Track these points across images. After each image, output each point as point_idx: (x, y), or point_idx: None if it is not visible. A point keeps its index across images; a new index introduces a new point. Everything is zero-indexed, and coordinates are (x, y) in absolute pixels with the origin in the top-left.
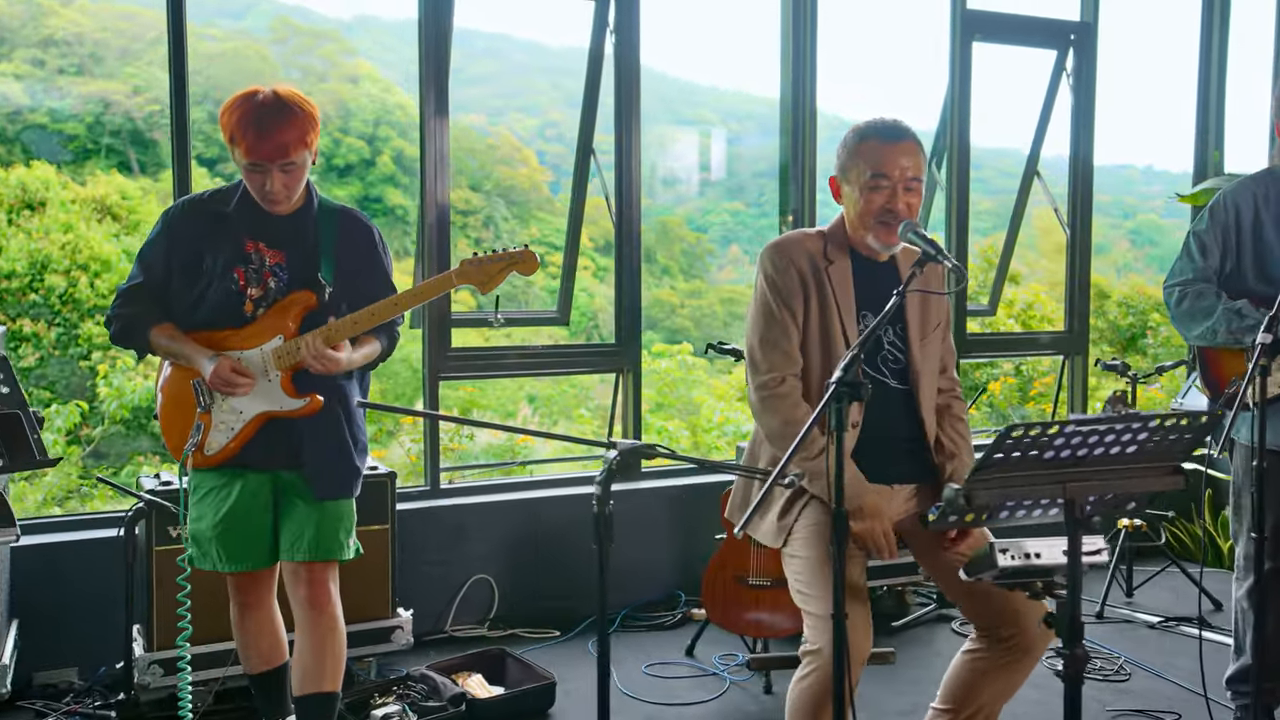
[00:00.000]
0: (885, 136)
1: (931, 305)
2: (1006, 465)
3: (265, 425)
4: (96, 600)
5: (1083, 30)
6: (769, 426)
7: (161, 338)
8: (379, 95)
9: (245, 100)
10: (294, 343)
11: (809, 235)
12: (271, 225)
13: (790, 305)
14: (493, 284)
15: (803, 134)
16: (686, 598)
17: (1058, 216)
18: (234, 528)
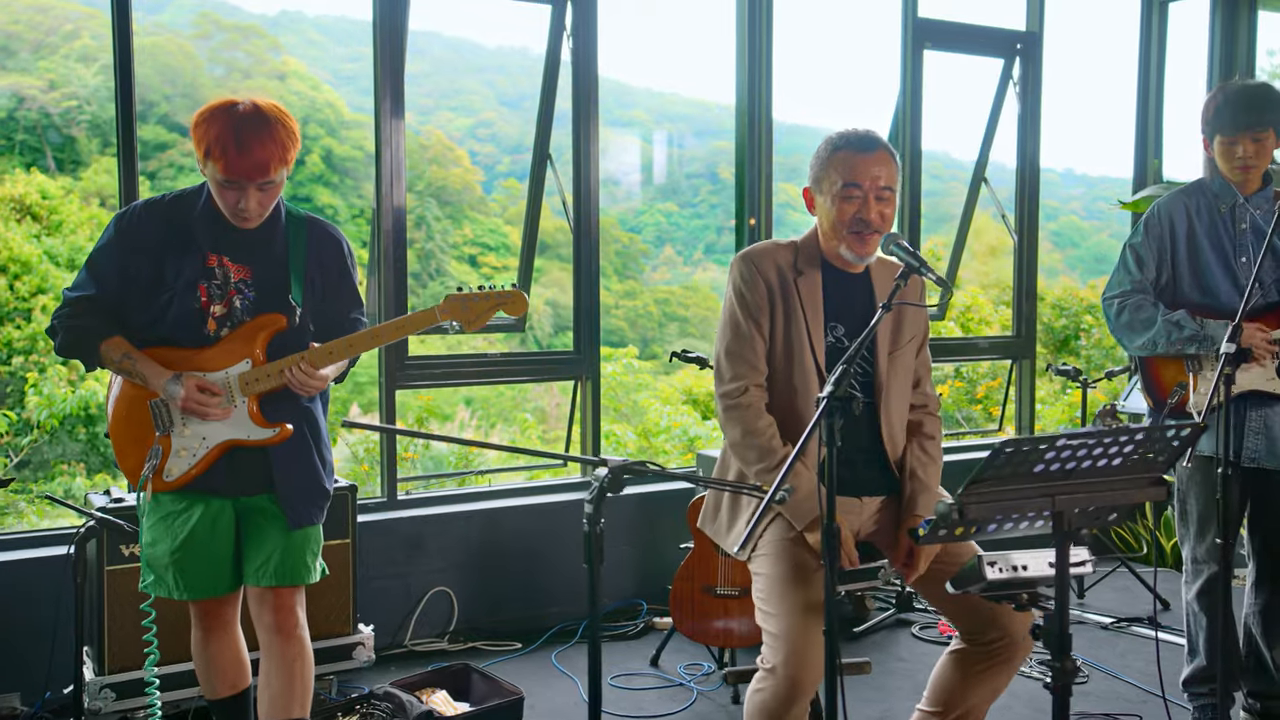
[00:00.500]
0: (857, 147)
1: (906, 318)
2: (998, 479)
3: (230, 451)
4: (40, 622)
5: (1029, 40)
6: (731, 435)
7: (114, 353)
8: (307, 93)
9: (224, 113)
10: (264, 369)
11: (780, 246)
12: (236, 238)
13: (756, 317)
14: (478, 322)
15: (759, 140)
16: (649, 606)
17: (1005, 223)
18: (192, 555)
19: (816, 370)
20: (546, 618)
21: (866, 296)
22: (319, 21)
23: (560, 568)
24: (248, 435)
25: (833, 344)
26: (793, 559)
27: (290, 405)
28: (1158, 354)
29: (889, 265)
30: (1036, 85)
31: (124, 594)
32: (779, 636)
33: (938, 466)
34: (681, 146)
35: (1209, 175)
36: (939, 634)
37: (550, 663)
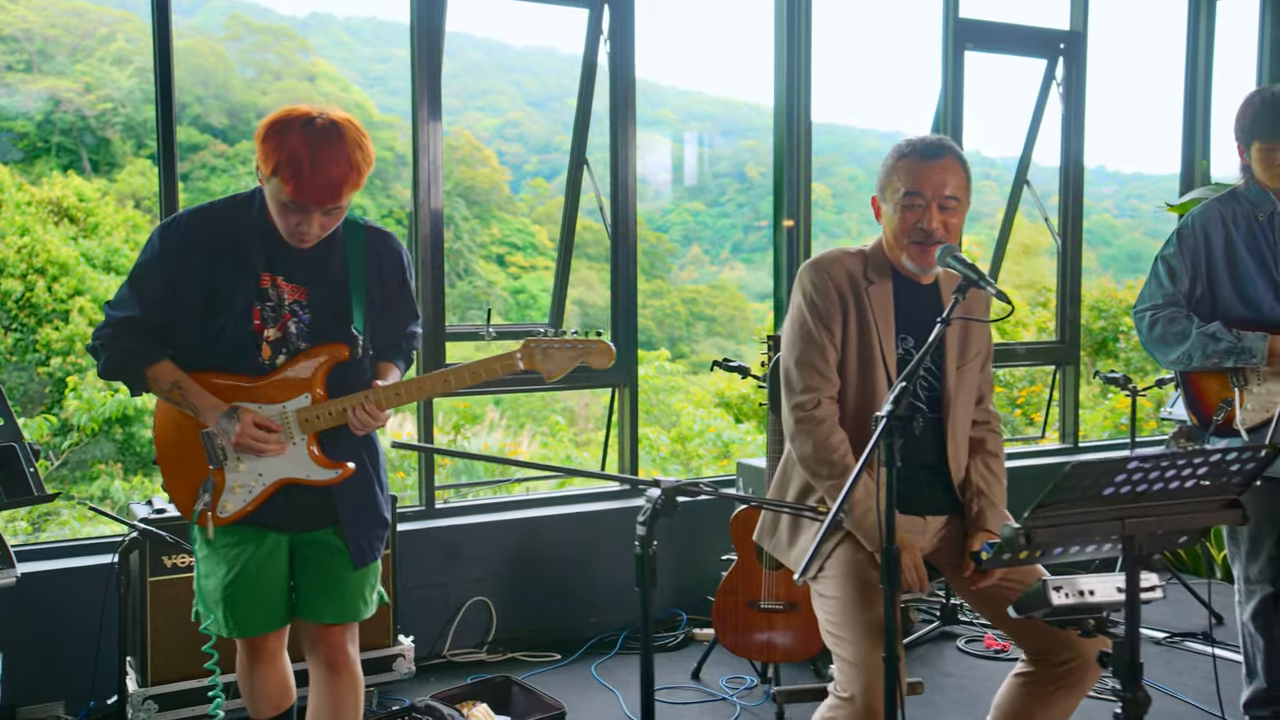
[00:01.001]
0: (922, 154)
1: (972, 333)
2: (1066, 502)
3: (288, 486)
4: (83, 631)
5: (1073, 39)
6: (801, 450)
7: (162, 381)
8: (336, 94)
9: (299, 128)
10: (325, 407)
11: (848, 254)
12: (291, 255)
13: (829, 325)
14: (558, 373)
15: (797, 141)
16: (688, 617)
17: (1048, 226)
18: (244, 592)
19: (888, 382)
20: (585, 627)
21: (935, 308)
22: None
23: (599, 577)
24: (307, 475)
25: (903, 355)
26: (862, 580)
27: (352, 439)
28: (1193, 368)
29: (956, 277)
30: (1081, 85)
31: (166, 605)
32: (855, 664)
33: (1003, 485)
34: (709, 145)
35: (1244, 182)
36: (985, 647)
37: (590, 675)
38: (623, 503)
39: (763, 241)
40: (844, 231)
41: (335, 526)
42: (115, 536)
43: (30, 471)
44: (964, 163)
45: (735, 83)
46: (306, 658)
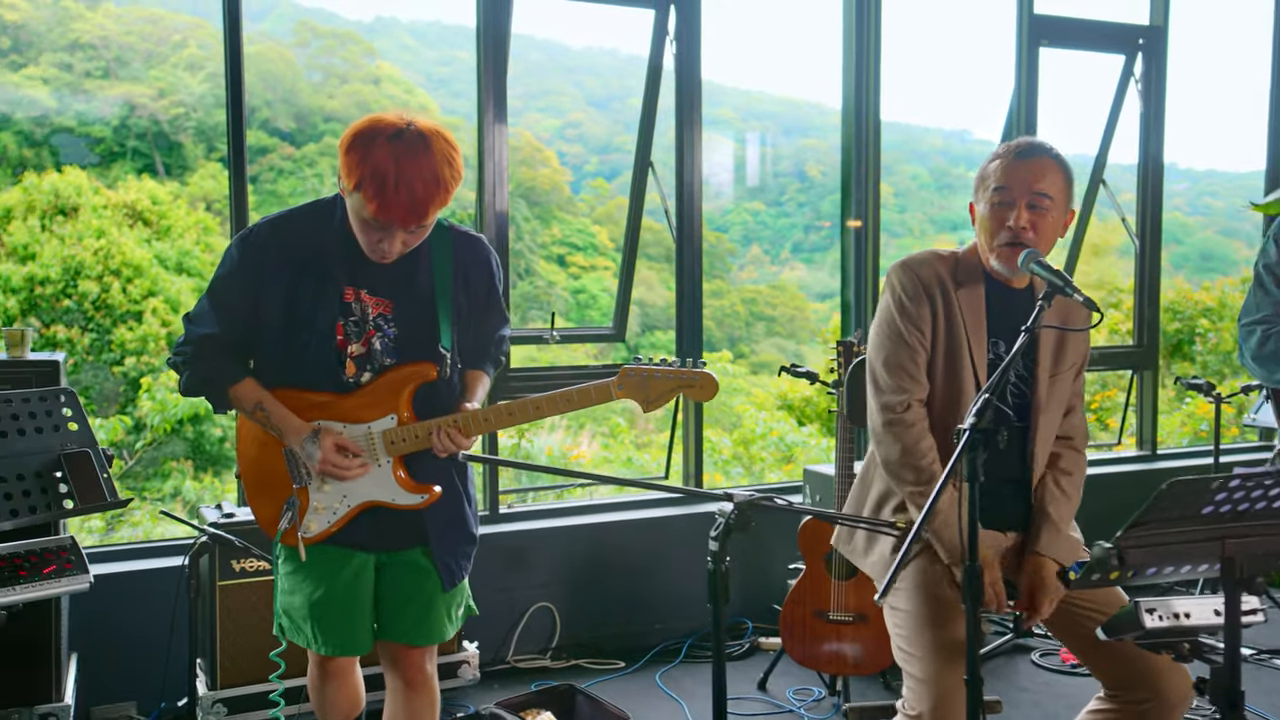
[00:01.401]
0: (1018, 153)
1: (1069, 342)
2: (1163, 521)
3: (373, 508)
4: (154, 633)
5: (1152, 34)
6: (888, 453)
7: (245, 401)
8: (400, 96)
9: (387, 143)
10: (411, 430)
11: (940, 256)
12: (375, 268)
13: (918, 326)
14: (658, 403)
15: (866, 141)
16: (754, 626)
17: (1125, 227)
18: (332, 612)
19: (977, 387)
20: (650, 634)
21: (1029, 314)
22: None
23: (663, 583)
24: (392, 499)
25: (994, 360)
26: (936, 595)
27: (438, 462)
28: None
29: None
30: (1161, 82)
31: (236, 609)
32: (924, 681)
33: (1072, 506)
34: (769, 145)
35: None
36: (1061, 662)
37: (655, 683)
38: (688, 509)
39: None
40: (906, 231)
41: (423, 546)
42: (186, 539)
43: (104, 477)
44: (1063, 165)
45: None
46: (384, 670)
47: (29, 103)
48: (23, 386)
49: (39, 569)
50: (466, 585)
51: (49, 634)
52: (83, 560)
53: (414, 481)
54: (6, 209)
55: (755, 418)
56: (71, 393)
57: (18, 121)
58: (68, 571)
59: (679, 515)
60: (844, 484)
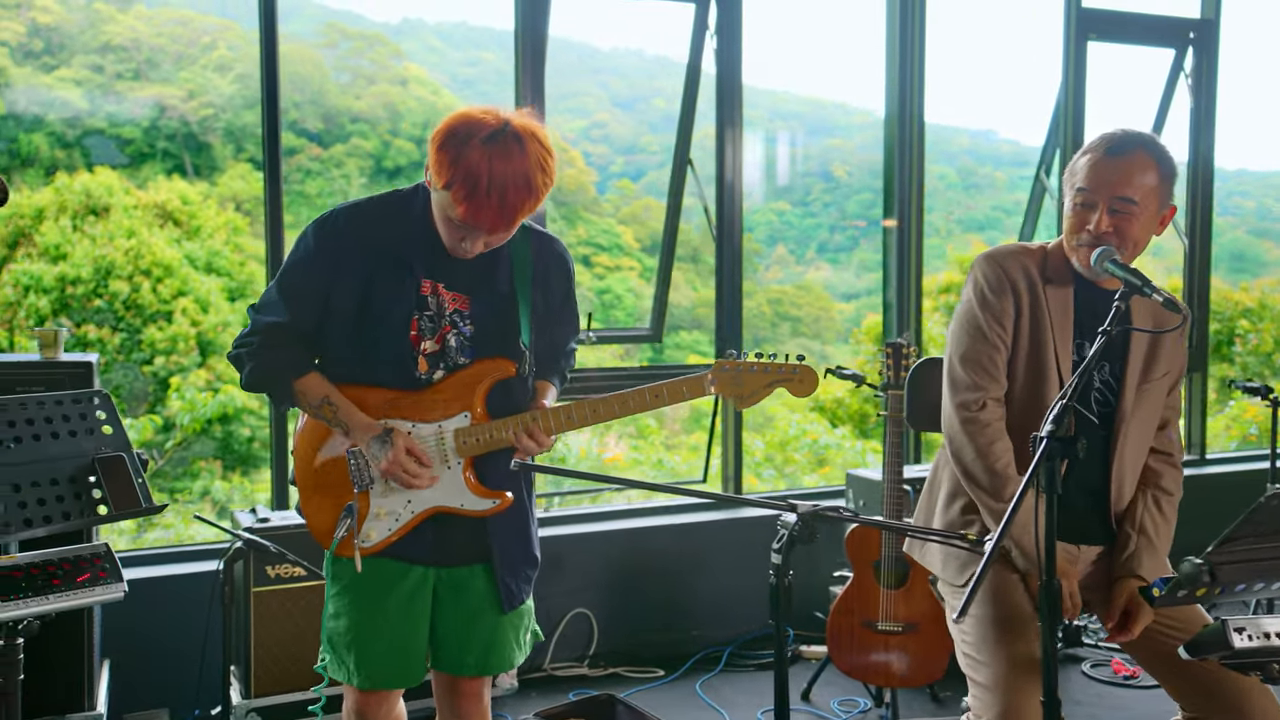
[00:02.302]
0: (1109, 149)
1: (1164, 349)
2: (1257, 536)
3: (438, 515)
4: (188, 639)
5: (1204, 28)
6: (960, 453)
7: (312, 396)
8: (427, 98)
9: (481, 145)
10: (485, 429)
11: (1028, 250)
12: (454, 263)
13: (1001, 322)
14: (753, 400)
15: (909, 142)
16: (795, 634)
17: (1174, 225)
18: (379, 637)
19: (1060, 388)
20: (688, 642)
21: (1122, 316)
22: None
23: (701, 589)
24: (461, 504)
25: (1078, 362)
26: (1009, 603)
27: (509, 465)
28: None
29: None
30: (1212, 77)
31: (270, 616)
32: (991, 689)
33: (1170, 528)
34: (796, 145)
35: None
36: (1113, 673)
37: (695, 693)
38: (726, 513)
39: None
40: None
41: (485, 564)
42: (220, 543)
43: (139, 482)
44: (1159, 158)
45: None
46: (437, 700)
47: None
48: (56, 388)
49: (73, 577)
50: (531, 607)
51: (80, 641)
52: (117, 568)
53: (484, 486)
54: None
55: (788, 419)
56: (106, 395)
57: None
58: (102, 580)
59: (717, 520)
60: (893, 490)
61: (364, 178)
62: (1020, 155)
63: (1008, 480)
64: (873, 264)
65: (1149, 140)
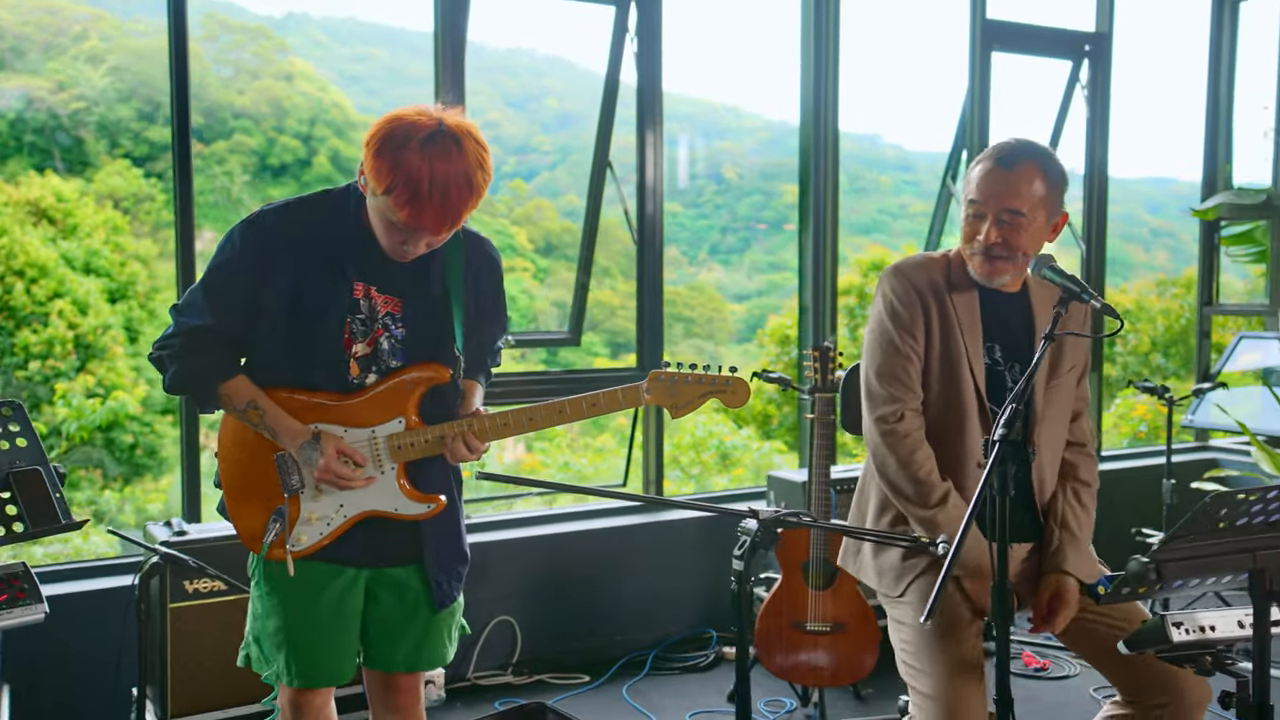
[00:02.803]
0: (996, 160)
1: (1067, 345)
2: (1198, 535)
3: (370, 519)
4: (97, 661)
5: (1098, 41)
6: (885, 467)
7: (237, 400)
8: (314, 94)
9: (419, 148)
10: (420, 434)
11: (933, 259)
12: (388, 266)
13: (913, 334)
14: (687, 409)
15: (825, 148)
16: (718, 635)
17: (1070, 229)
18: (312, 638)
19: (976, 393)
20: (612, 646)
21: (1023, 317)
22: (325, 23)
23: (624, 594)
24: (395, 509)
25: (990, 365)
26: (945, 609)
27: (441, 468)
28: None
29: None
30: (1106, 88)
31: (188, 633)
32: (934, 698)
33: (1091, 518)
34: (687, 147)
35: None
36: (1024, 665)
37: (623, 698)
38: (647, 517)
39: (739, 244)
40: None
41: (417, 564)
42: (126, 557)
43: (57, 497)
44: (1047, 168)
45: (713, 85)
46: (370, 701)
47: None
48: None
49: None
50: (461, 603)
51: None
52: (36, 588)
53: (418, 490)
54: None
55: (694, 421)
56: (18, 405)
57: None
58: (20, 601)
59: (638, 524)
60: (821, 491)
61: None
62: (904, 160)
63: (932, 487)
64: (764, 265)
65: (1038, 151)
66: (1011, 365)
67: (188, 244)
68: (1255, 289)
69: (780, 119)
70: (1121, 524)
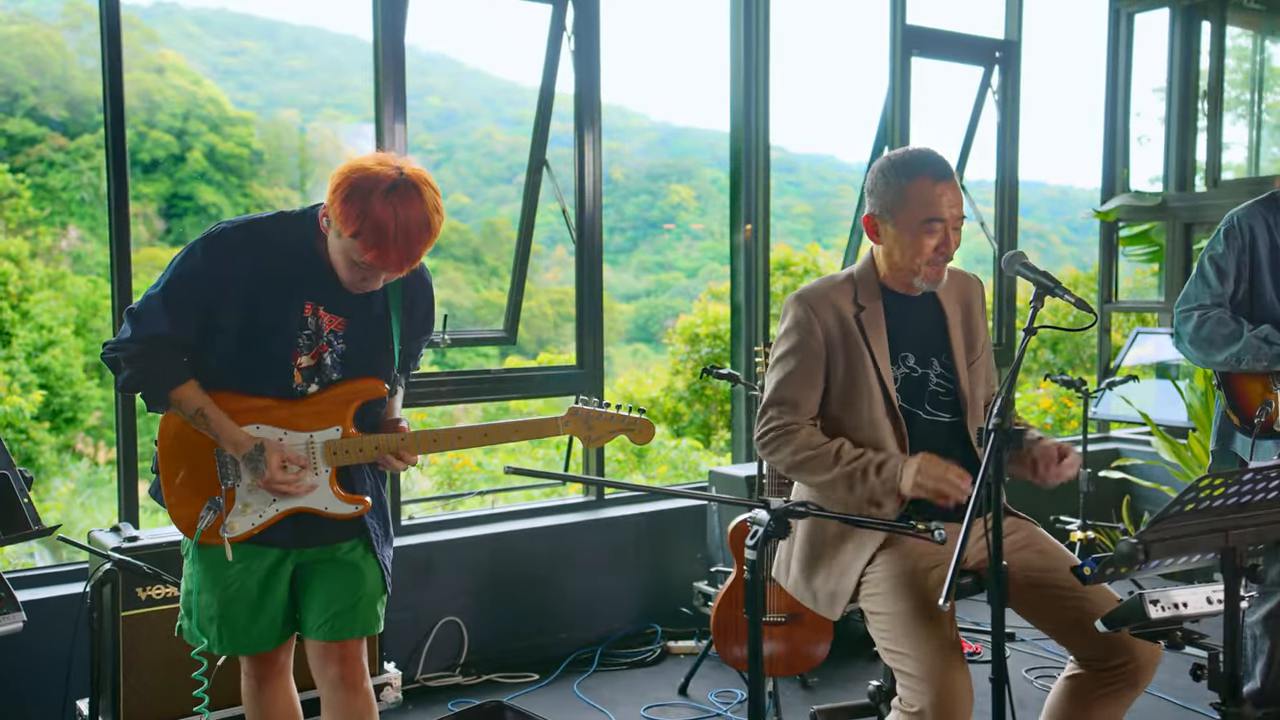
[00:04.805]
0: (935, 174)
1: (975, 323)
2: (1181, 515)
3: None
4: (43, 672)
5: (1008, 48)
6: (785, 461)
7: (186, 405)
8: (187, 87)
9: (384, 198)
10: (355, 443)
11: (836, 283)
12: (336, 291)
13: (814, 363)
14: (598, 441)
15: (755, 152)
16: (663, 630)
17: (985, 231)
18: (240, 610)
19: (889, 408)
20: (557, 644)
21: (933, 312)
22: (196, 14)
23: (568, 591)
24: (325, 507)
25: (905, 374)
26: (918, 594)
27: (370, 471)
28: (1240, 370)
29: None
30: (1015, 94)
31: (141, 641)
32: (922, 679)
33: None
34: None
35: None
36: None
37: (574, 694)
38: (590, 514)
39: (627, 243)
40: (707, 234)
41: (344, 542)
42: (72, 564)
43: (25, 502)
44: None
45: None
46: (317, 681)
47: None
48: None
49: None
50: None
51: None
52: (12, 596)
53: (347, 492)
54: None
55: None
56: None
57: None
58: None
59: (581, 521)
60: (775, 484)
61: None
62: (788, 161)
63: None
64: (651, 265)
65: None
66: (930, 362)
67: (123, 249)
68: (1138, 286)
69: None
70: (1040, 511)
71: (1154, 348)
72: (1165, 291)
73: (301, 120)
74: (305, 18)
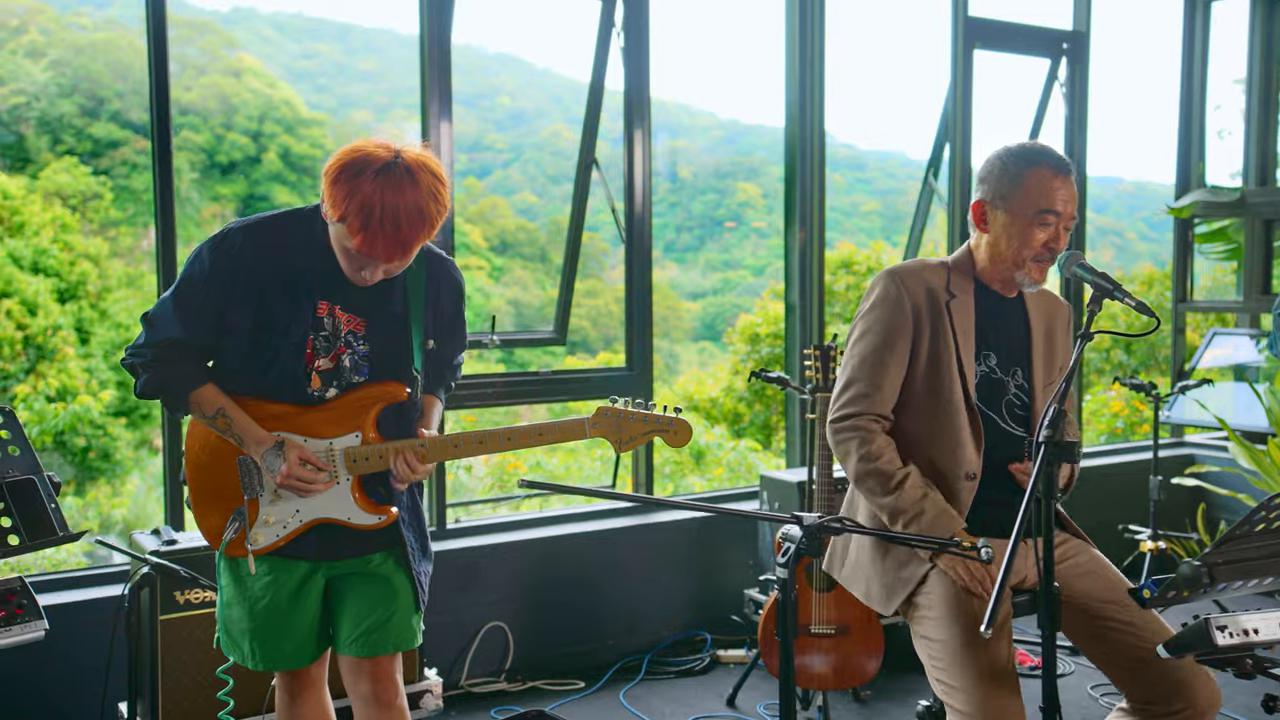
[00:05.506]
0: (1056, 167)
1: (1057, 345)
2: (1250, 537)
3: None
4: (84, 674)
5: (1076, 39)
6: (846, 464)
7: (206, 407)
8: (263, 90)
9: (373, 178)
10: (374, 449)
11: (930, 266)
12: (351, 283)
13: (898, 340)
14: (630, 445)
15: (811, 152)
16: (713, 638)
17: None
18: (272, 625)
19: (966, 402)
20: (604, 651)
21: (1020, 321)
22: (273, 18)
23: (616, 598)
24: (348, 518)
25: (985, 374)
26: (969, 619)
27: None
28: None
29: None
30: (1084, 86)
31: (179, 645)
32: (970, 715)
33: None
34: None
35: None
36: (1019, 665)
37: (620, 703)
38: (640, 519)
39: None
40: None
41: (378, 554)
42: (112, 566)
43: (52, 508)
44: None
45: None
46: (350, 697)
47: None
48: None
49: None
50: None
51: None
52: (35, 604)
53: (371, 501)
54: None
55: None
56: (9, 411)
57: None
58: (18, 618)
59: (630, 526)
60: (824, 492)
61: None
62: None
63: (892, 476)
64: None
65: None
66: (1013, 370)
67: (169, 247)
68: (1216, 285)
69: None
70: (1108, 520)
71: (1231, 349)
72: (1244, 291)
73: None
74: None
